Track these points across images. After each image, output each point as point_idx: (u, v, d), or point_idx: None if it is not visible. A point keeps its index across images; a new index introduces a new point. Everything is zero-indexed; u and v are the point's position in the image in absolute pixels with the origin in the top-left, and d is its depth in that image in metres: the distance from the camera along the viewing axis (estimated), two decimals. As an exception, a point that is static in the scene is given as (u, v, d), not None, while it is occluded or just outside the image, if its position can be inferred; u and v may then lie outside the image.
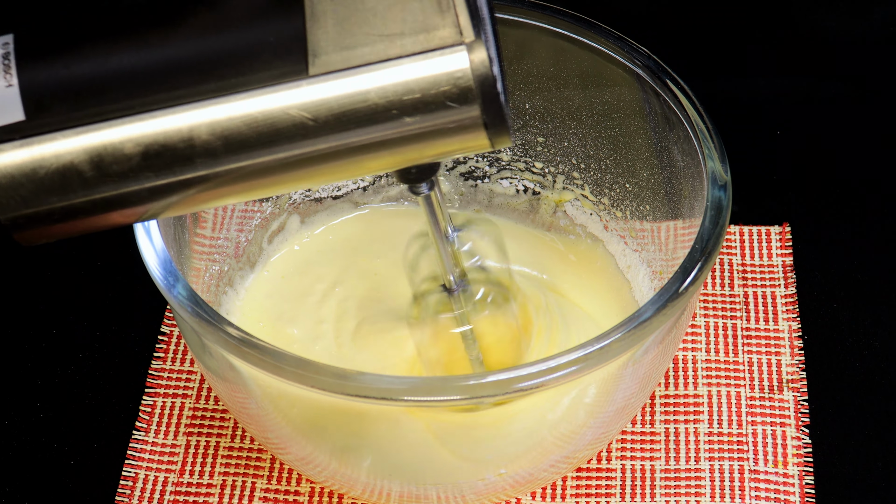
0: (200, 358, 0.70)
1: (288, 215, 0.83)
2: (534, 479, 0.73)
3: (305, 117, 0.55)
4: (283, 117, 0.55)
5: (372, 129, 0.55)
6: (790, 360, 0.82)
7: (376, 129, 0.55)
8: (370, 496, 0.73)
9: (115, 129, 0.55)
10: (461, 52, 0.54)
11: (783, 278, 0.86)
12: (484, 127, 0.55)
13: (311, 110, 0.55)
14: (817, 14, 1.02)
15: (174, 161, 0.56)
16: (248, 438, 0.79)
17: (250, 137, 0.55)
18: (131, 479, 0.78)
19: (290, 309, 0.80)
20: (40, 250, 0.89)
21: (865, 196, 0.91)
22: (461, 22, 0.54)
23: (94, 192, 0.56)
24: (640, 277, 0.80)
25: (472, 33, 0.54)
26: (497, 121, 0.55)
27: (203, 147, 0.55)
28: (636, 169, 0.79)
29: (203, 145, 0.55)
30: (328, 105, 0.55)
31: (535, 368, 0.62)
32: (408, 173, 0.61)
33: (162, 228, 0.68)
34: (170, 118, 0.55)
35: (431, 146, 0.56)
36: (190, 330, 0.67)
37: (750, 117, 0.96)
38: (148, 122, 0.55)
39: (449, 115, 0.55)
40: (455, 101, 0.55)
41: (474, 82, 0.54)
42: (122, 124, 0.55)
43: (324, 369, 0.62)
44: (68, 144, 0.55)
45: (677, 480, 0.77)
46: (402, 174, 0.61)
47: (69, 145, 0.56)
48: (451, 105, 0.55)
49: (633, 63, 0.75)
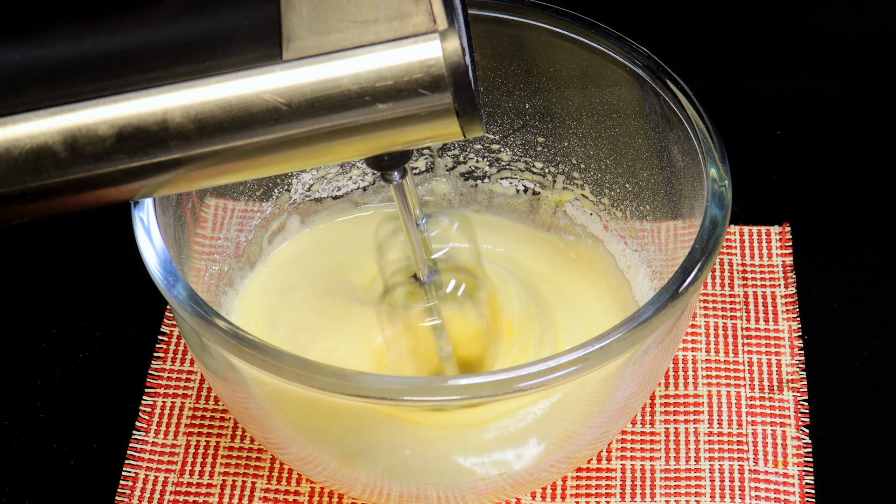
0: (200, 358, 0.70)
1: (288, 215, 0.83)
2: (534, 479, 0.73)
3: (279, 102, 0.55)
4: (256, 101, 0.55)
5: (345, 114, 0.56)
6: (790, 360, 0.82)
7: (349, 114, 0.56)
8: (370, 496, 0.73)
9: (90, 110, 0.55)
10: (434, 40, 0.54)
11: (783, 278, 0.86)
12: (455, 115, 0.56)
13: (285, 95, 0.55)
14: (817, 14, 1.02)
15: (148, 143, 0.56)
16: (248, 438, 0.79)
17: (224, 121, 0.55)
18: (131, 479, 0.78)
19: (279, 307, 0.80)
20: (40, 250, 0.89)
21: (865, 196, 0.91)
22: (434, 10, 0.54)
23: (67, 173, 0.56)
24: (640, 277, 0.80)
25: (445, 21, 0.54)
26: (468, 109, 0.56)
27: (177, 130, 0.55)
28: (636, 169, 0.79)
29: (177, 128, 0.55)
30: (302, 90, 0.55)
31: (535, 368, 0.62)
32: (380, 160, 0.61)
33: (162, 228, 0.68)
34: (144, 100, 0.55)
35: (404, 133, 0.57)
36: (190, 330, 0.67)
37: (750, 117, 0.96)
38: (122, 103, 0.55)
39: (421, 102, 0.55)
40: (427, 88, 0.55)
41: (447, 70, 0.55)
42: (97, 105, 0.55)
43: (324, 369, 0.62)
44: (42, 125, 0.55)
45: (677, 480, 0.77)
46: (374, 161, 0.62)
47: (43, 126, 0.55)
48: (424, 92, 0.55)
49: (633, 63, 0.75)
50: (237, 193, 0.80)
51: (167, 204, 0.71)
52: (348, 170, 0.84)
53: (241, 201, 0.81)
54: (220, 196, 0.79)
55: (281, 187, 0.82)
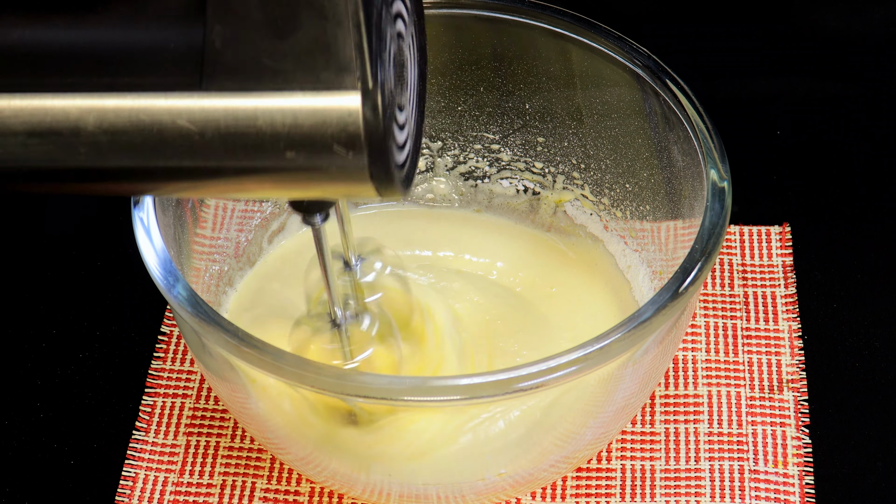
0: (200, 358, 0.70)
1: (288, 215, 0.83)
2: (534, 479, 0.73)
3: (191, 129, 0.54)
4: (169, 124, 0.54)
5: (257, 154, 0.54)
6: (790, 360, 0.82)
7: (261, 156, 0.54)
8: (370, 496, 0.73)
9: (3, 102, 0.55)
10: (355, 96, 0.52)
11: (783, 278, 0.86)
12: (370, 177, 0.54)
13: (199, 123, 0.54)
14: (817, 14, 1.02)
15: (59, 147, 0.55)
16: (248, 438, 0.79)
17: (136, 138, 0.54)
18: (131, 479, 0.78)
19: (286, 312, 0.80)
20: (40, 250, 0.89)
21: (865, 196, 0.91)
22: (363, 65, 0.52)
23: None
24: (640, 277, 0.80)
25: (370, 80, 0.52)
26: (383, 174, 0.54)
27: (88, 138, 0.55)
28: (636, 169, 0.79)
29: (89, 137, 0.54)
30: (216, 122, 0.53)
31: (534, 368, 0.62)
32: (300, 204, 0.60)
33: (162, 228, 0.68)
34: (59, 102, 0.54)
35: (316, 185, 0.55)
36: (190, 330, 0.67)
37: (750, 117, 0.96)
38: (37, 101, 0.54)
39: (335, 158, 0.53)
40: (343, 145, 0.53)
41: (363, 130, 0.52)
42: (11, 99, 0.55)
43: (324, 369, 0.62)
44: None
45: (677, 480, 0.77)
46: (294, 204, 0.61)
47: None
48: (338, 149, 0.53)
49: (633, 63, 0.75)
50: (237, 193, 0.80)
51: (167, 204, 0.71)
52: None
53: (241, 201, 0.81)
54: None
55: (281, 187, 0.82)
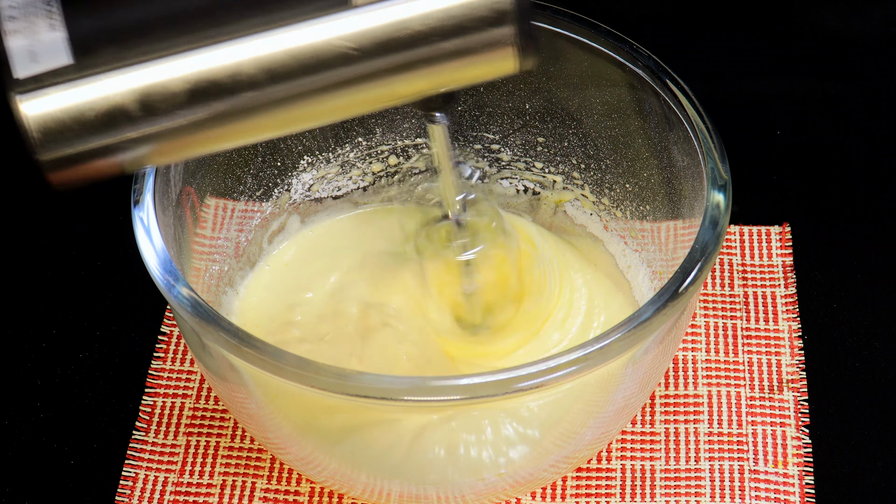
0: (200, 358, 0.70)
1: (288, 215, 0.83)
2: (534, 479, 0.73)
3: (349, 47, 0.56)
4: (326, 48, 0.56)
5: (410, 54, 0.57)
6: (790, 360, 0.82)
7: (414, 54, 0.57)
8: (370, 496, 0.73)
9: (163, 68, 0.56)
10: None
11: (783, 278, 0.86)
12: (515, 48, 0.58)
13: (355, 40, 0.56)
14: (817, 14, 1.02)
15: (220, 96, 0.57)
16: (248, 438, 0.79)
17: (295, 69, 0.57)
18: (131, 479, 0.78)
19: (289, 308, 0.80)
20: (40, 250, 0.89)
21: (865, 196, 0.91)
22: None
23: (139, 131, 0.57)
24: (640, 277, 0.80)
25: None
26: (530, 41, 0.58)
27: (248, 81, 0.57)
28: (636, 169, 0.79)
29: (248, 79, 0.57)
30: (372, 34, 0.56)
31: (535, 368, 0.62)
32: (429, 101, 0.63)
33: (162, 228, 0.68)
34: (216, 54, 0.56)
35: (460, 69, 0.58)
36: (190, 330, 0.67)
37: (750, 117, 0.96)
38: (195, 59, 0.56)
39: (484, 36, 0.57)
40: (491, 23, 0.57)
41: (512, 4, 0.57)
42: (169, 63, 0.56)
43: (324, 369, 0.62)
44: (116, 86, 0.56)
45: (677, 480, 0.77)
46: (424, 103, 0.63)
47: (117, 87, 0.56)
48: (488, 27, 0.57)
49: (633, 63, 0.75)
50: (237, 193, 0.80)
51: (167, 204, 0.71)
52: (348, 170, 0.84)
53: (241, 201, 0.81)
54: (220, 196, 0.79)
55: (281, 187, 0.83)
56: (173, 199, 0.72)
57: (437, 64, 0.58)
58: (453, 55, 0.58)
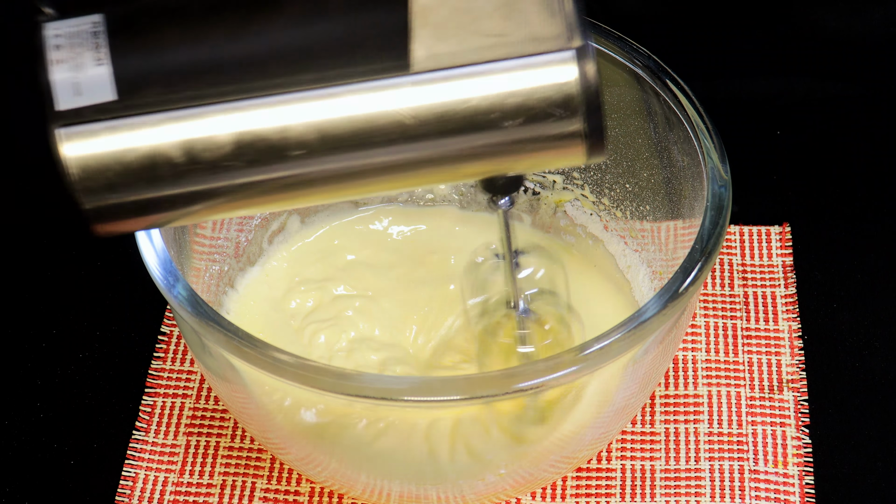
0: (200, 358, 0.70)
1: (288, 215, 0.83)
2: (534, 479, 0.73)
3: (405, 115, 0.53)
4: (382, 114, 0.53)
5: (470, 131, 0.53)
6: (790, 360, 0.82)
7: (474, 132, 0.54)
8: (370, 496, 0.73)
9: (209, 115, 0.54)
10: (569, 57, 0.52)
11: (783, 278, 0.86)
12: (583, 138, 0.54)
13: (412, 108, 0.53)
14: (817, 14, 1.02)
15: (267, 152, 0.54)
16: (248, 438, 0.79)
17: (346, 132, 0.53)
18: (131, 479, 0.78)
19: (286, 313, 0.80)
20: (40, 250, 0.89)
21: (865, 196, 0.91)
22: (571, 27, 0.52)
23: (182, 181, 0.54)
24: (640, 277, 0.80)
25: (580, 38, 0.52)
26: (597, 133, 0.54)
27: (297, 139, 0.54)
28: (636, 169, 0.79)
29: (297, 137, 0.54)
30: (429, 103, 0.53)
31: (535, 368, 0.62)
32: (494, 183, 0.60)
33: (162, 229, 0.68)
34: (266, 107, 0.53)
35: (525, 154, 0.55)
36: (190, 330, 0.67)
37: (750, 117, 0.96)
38: (243, 109, 0.53)
39: (548, 122, 0.53)
40: (558, 108, 0.53)
41: (580, 91, 0.53)
42: (217, 111, 0.54)
43: (324, 369, 0.62)
44: (159, 128, 0.54)
45: (677, 480, 0.77)
46: (488, 183, 0.60)
47: (160, 129, 0.54)
48: (553, 112, 0.53)
49: (633, 63, 0.75)
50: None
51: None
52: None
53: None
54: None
55: (281, 187, 0.82)
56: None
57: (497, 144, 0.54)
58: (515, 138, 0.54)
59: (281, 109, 0.54)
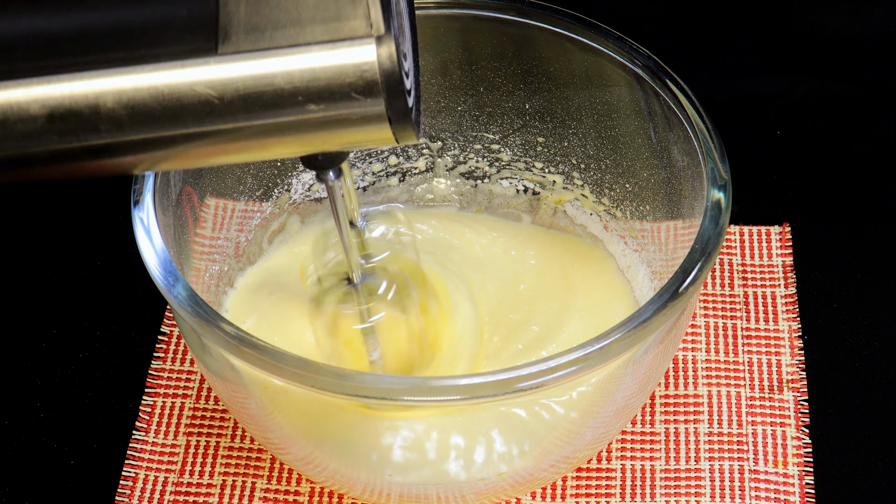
0: (200, 358, 0.70)
1: (288, 215, 0.83)
2: (534, 479, 0.73)
3: (211, 95, 0.55)
4: (189, 93, 0.55)
5: (277, 112, 0.56)
6: (790, 360, 0.82)
7: (281, 112, 0.56)
8: (370, 496, 0.73)
9: (21, 90, 0.55)
10: (370, 44, 0.54)
11: (783, 278, 0.86)
12: (388, 121, 0.56)
13: (218, 88, 0.55)
14: (817, 14, 1.02)
15: (79, 126, 0.56)
16: (248, 438, 0.79)
17: (156, 110, 0.55)
18: (131, 479, 0.78)
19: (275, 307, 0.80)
20: (40, 250, 0.89)
21: (865, 196, 0.91)
22: (372, 15, 0.54)
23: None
24: (640, 277, 0.80)
25: (382, 27, 0.54)
26: (401, 116, 0.56)
27: (108, 115, 0.55)
28: (636, 169, 0.79)
29: (108, 113, 0.55)
30: (234, 85, 0.55)
31: (534, 368, 0.62)
32: (314, 159, 0.62)
33: (162, 228, 0.68)
34: (76, 83, 0.55)
35: (335, 135, 0.57)
36: (190, 330, 0.67)
37: (750, 117, 0.96)
38: (55, 84, 0.55)
39: (353, 106, 0.55)
40: (360, 92, 0.55)
41: (380, 76, 0.54)
42: (29, 85, 0.55)
43: (324, 369, 0.62)
44: None
45: (677, 480, 0.77)
46: (307, 160, 0.62)
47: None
48: (356, 97, 0.55)
49: (633, 63, 0.75)
50: (237, 193, 0.80)
51: (167, 204, 0.71)
52: (348, 170, 0.84)
53: (241, 201, 0.81)
54: (220, 196, 0.79)
55: (281, 187, 0.82)
56: (173, 199, 0.72)
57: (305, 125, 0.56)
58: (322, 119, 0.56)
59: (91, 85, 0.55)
